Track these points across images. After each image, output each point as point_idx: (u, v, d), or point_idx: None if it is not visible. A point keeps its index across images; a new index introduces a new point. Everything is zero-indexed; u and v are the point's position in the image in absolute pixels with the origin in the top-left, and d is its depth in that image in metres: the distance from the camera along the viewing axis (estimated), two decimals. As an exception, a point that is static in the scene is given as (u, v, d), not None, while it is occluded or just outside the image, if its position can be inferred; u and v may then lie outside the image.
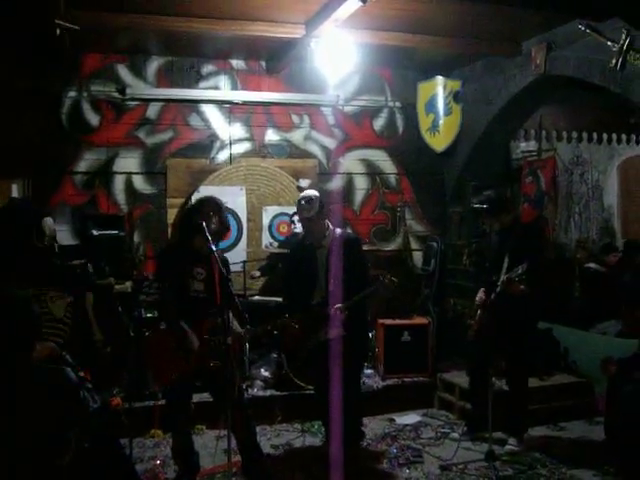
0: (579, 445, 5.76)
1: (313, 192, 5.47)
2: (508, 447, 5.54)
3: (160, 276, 4.99)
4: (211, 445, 5.44)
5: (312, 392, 5.94)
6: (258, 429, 5.85)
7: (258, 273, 7.48)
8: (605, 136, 10.03)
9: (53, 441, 3.02)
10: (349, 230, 7.86)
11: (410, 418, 6.42)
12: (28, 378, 3.06)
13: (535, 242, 5.91)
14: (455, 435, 5.82)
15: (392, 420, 6.40)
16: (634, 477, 4.68)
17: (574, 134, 9.79)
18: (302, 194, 5.49)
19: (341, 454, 5.28)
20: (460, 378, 6.39)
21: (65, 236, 7.11)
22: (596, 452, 5.41)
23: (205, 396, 5.31)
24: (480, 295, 5.72)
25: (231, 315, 4.51)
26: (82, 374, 3.64)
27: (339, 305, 5.13)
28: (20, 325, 3.13)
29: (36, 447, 2.94)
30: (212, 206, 4.80)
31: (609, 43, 5.73)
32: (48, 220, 4.27)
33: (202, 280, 4.70)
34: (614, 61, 5.71)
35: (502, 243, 5.62)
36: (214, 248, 4.35)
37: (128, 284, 6.48)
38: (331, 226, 5.42)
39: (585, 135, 9.88)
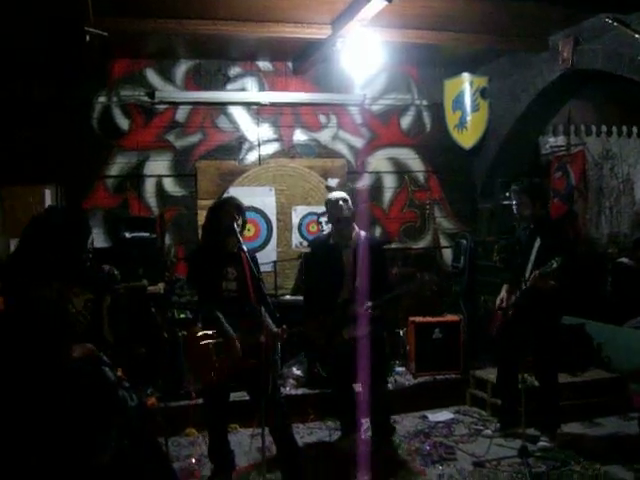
0: (613, 441, 5.71)
1: (342, 193, 5.55)
2: (541, 444, 5.51)
3: (193, 280, 5.04)
4: (245, 443, 5.51)
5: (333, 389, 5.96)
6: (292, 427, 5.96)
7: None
8: (635, 129, 9.91)
9: (93, 440, 3.09)
10: (378, 230, 7.95)
11: (442, 415, 6.43)
12: (67, 378, 3.13)
13: (566, 238, 5.89)
14: (488, 432, 5.82)
15: (424, 417, 6.41)
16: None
17: (603, 128, 9.69)
18: (335, 194, 5.52)
19: (373, 450, 5.35)
20: (492, 375, 6.36)
21: (98, 239, 7.21)
22: (631, 448, 5.36)
23: (238, 395, 5.37)
24: (503, 294, 5.72)
25: (264, 312, 4.59)
26: (119, 373, 3.71)
27: (369, 304, 5.16)
28: (56, 326, 3.21)
29: (76, 447, 3.00)
30: (235, 207, 4.85)
31: (636, 36, 5.69)
32: (91, 238, 4.39)
33: (234, 279, 4.76)
34: (643, 53, 5.68)
35: (530, 239, 5.59)
36: (245, 247, 4.43)
37: (160, 286, 6.56)
38: (357, 227, 5.48)
39: (614, 129, 9.77)
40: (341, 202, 5.36)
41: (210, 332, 4.67)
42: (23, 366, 3.19)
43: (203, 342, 4.66)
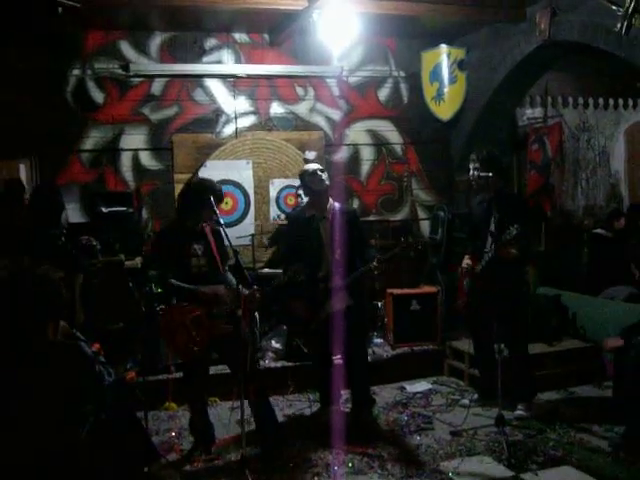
0: (588, 409, 5.80)
1: (318, 165, 5.55)
2: (517, 413, 5.58)
3: (157, 259, 5.01)
4: (225, 416, 5.54)
5: (313, 362, 6.01)
6: (271, 399, 5.97)
7: (267, 242, 7.54)
8: (611, 101, 9.96)
9: (71, 414, 3.09)
10: (355, 202, 7.99)
11: (420, 386, 6.49)
12: (47, 353, 3.13)
13: (522, 208, 5.90)
14: (465, 402, 5.88)
15: (403, 388, 6.47)
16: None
17: (580, 100, 9.73)
18: (311, 166, 5.49)
19: (352, 421, 5.41)
20: (469, 345, 6.40)
21: (74, 214, 7.15)
22: (605, 416, 5.45)
23: (218, 368, 5.40)
24: (467, 262, 5.70)
25: (233, 280, 4.69)
26: (95, 348, 3.71)
27: (376, 260, 5.22)
28: (48, 302, 3.23)
29: (54, 420, 3.00)
30: (218, 196, 4.84)
31: (614, 7, 5.67)
32: (65, 213, 4.38)
33: (202, 255, 4.77)
34: (619, 25, 5.63)
35: (488, 211, 5.59)
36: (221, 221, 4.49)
37: (138, 260, 6.54)
38: (331, 199, 5.48)
39: (591, 101, 9.81)
40: (319, 172, 5.35)
41: (185, 304, 4.69)
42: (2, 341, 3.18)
43: (174, 315, 4.67)
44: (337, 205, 5.48)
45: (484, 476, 4.50)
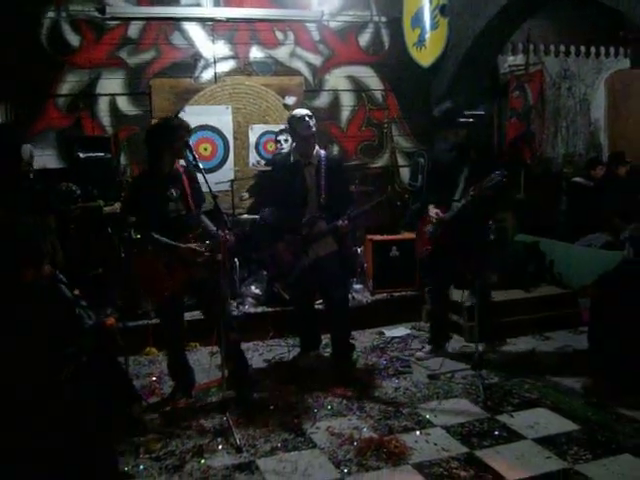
0: (563, 354, 5.91)
1: (306, 110, 5.48)
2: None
3: (133, 206, 4.94)
4: (205, 361, 5.59)
5: (294, 307, 5.99)
6: (251, 345, 6.07)
7: (247, 195, 7.51)
8: (593, 50, 9.93)
9: (52, 356, 3.10)
10: (335, 149, 7.95)
11: (399, 331, 6.56)
12: (25, 295, 3.12)
13: (495, 160, 5.88)
14: (421, 354, 5.88)
15: (381, 333, 6.54)
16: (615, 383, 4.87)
17: (562, 48, 9.69)
18: (300, 111, 5.41)
19: (332, 366, 5.47)
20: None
21: (51, 160, 7.08)
22: (579, 360, 5.55)
23: (197, 314, 5.41)
24: (436, 211, 5.58)
25: (210, 224, 4.72)
26: (76, 292, 3.70)
27: (346, 216, 5.20)
28: (30, 247, 3.21)
29: (35, 362, 3.01)
30: (187, 131, 4.77)
31: (598, -49, 5.63)
32: (27, 147, 4.29)
33: (178, 199, 4.73)
34: (603, -30, 5.62)
35: (456, 163, 5.52)
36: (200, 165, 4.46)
37: (117, 206, 6.49)
38: (317, 146, 5.45)
39: (573, 48, 9.77)
40: (307, 118, 5.28)
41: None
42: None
43: (148, 258, 4.66)
44: (323, 152, 5.45)
45: (461, 417, 4.59)
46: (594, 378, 5.09)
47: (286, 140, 6.98)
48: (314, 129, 5.31)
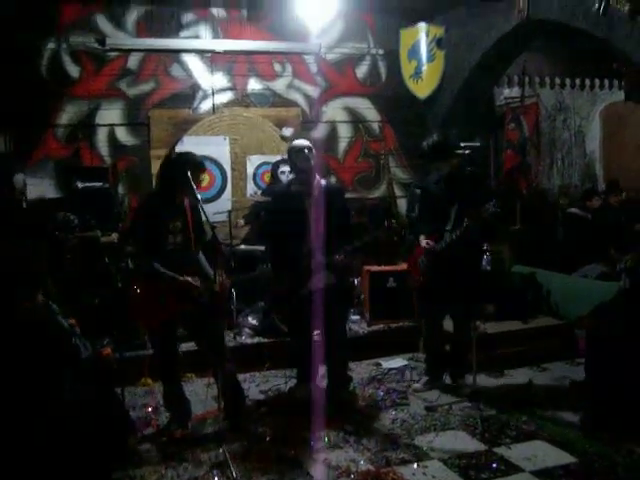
0: (560, 385, 5.88)
1: (306, 141, 5.41)
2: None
3: (137, 232, 4.94)
4: (201, 392, 5.54)
5: (291, 338, 5.97)
6: (247, 376, 6.02)
7: (242, 222, 7.51)
8: (588, 82, 10.04)
9: (47, 387, 3.09)
10: (332, 179, 7.95)
11: (396, 362, 6.52)
12: (22, 326, 3.12)
13: (487, 189, 5.88)
14: (417, 386, 5.85)
15: (378, 364, 6.50)
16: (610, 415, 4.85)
17: (557, 80, 9.79)
18: (299, 142, 5.38)
19: (329, 397, 5.43)
20: (444, 322, 6.47)
21: (49, 189, 7.13)
22: (577, 392, 5.53)
23: (192, 345, 5.39)
24: (426, 241, 5.53)
25: (206, 264, 4.72)
26: (71, 321, 3.70)
27: (342, 253, 5.18)
28: (27, 274, 3.21)
29: (31, 394, 3.00)
30: (197, 167, 4.80)
31: (591, -14, 5.71)
32: (20, 176, 4.32)
33: (179, 232, 4.73)
34: (597, 5, 5.68)
35: (447, 193, 5.47)
36: (199, 197, 4.46)
37: (114, 236, 6.50)
38: (317, 176, 5.43)
39: (568, 81, 9.88)
40: (306, 151, 5.25)
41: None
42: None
43: (147, 289, 4.66)
44: (323, 182, 5.43)
45: (458, 450, 4.55)
46: (591, 409, 5.05)
47: (290, 172, 6.87)
48: (313, 161, 5.30)
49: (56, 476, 3.00)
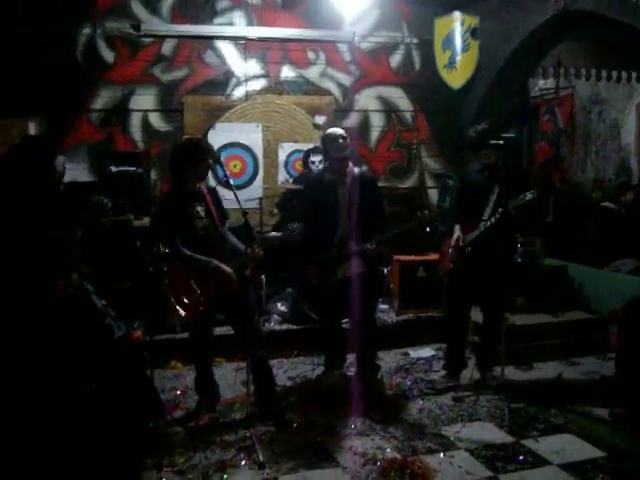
0: (590, 380, 5.84)
1: (340, 130, 5.38)
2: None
3: (162, 225, 4.97)
4: (230, 377, 5.58)
5: (321, 325, 5.96)
6: (275, 362, 6.04)
7: (276, 210, 7.53)
8: (624, 75, 9.88)
9: (81, 365, 3.13)
10: (365, 168, 7.91)
11: (424, 352, 6.52)
12: (60, 303, 3.16)
13: (527, 181, 5.83)
14: (436, 378, 5.81)
15: (406, 354, 6.51)
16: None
17: (593, 72, 9.65)
18: (334, 131, 5.34)
19: (356, 385, 5.44)
20: (473, 313, 6.42)
21: (83, 174, 7.19)
22: (607, 387, 5.48)
23: (223, 330, 5.43)
24: (459, 233, 5.52)
25: (236, 241, 4.78)
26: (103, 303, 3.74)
27: (374, 242, 5.16)
28: (59, 261, 3.26)
29: (65, 370, 3.05)
30: (210, 152, 4.84)
31: (630, -23, 5.63)
32: (61, 158, 4.37)
33: (204, 216, 4.77)
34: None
35: (487, 183, 5.44)
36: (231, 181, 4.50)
37: (146, 220, 6.55)
38: (350, 164, 5.41)
39: (604, 73, 9.73)
40: (340, 140, 5.23)
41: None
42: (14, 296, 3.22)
43: (184, 275, 4.69)
44: (356, 170, 5.41)
45: (485, 441, 4.55)
46: (621, 405, 5.01)
47: (320, 161, 6.86)
48: (347, 150, 5.28)
49: (86, 452, 3.04)
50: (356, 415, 4.98)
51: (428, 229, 6.09)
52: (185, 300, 4.65)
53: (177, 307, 4.63)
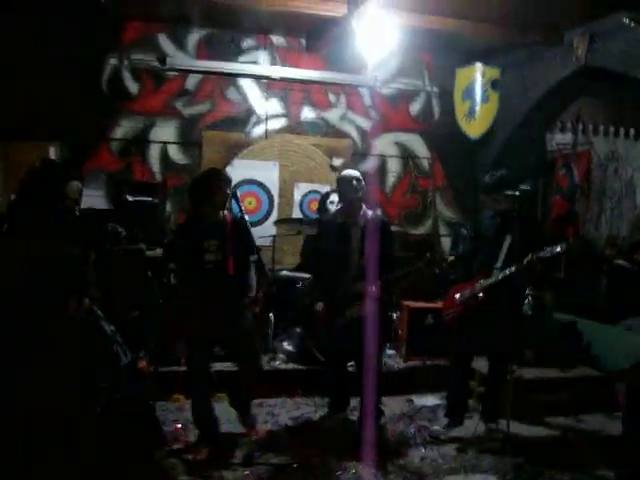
0: (597, 438, 5.76)
1: (356, 172, 5.43)
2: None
3: (172, 255, 5.01)
4: (232, 412, 5.53)
5: (325, 367, 5.95)
6: (278, 401, 6.01)
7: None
8: (642, 132, 9.92)
9: (86, 389, 3.12)
10: (379, 211, 7.92)
11: (429, 400, 6.45)
12: (71, 328, 3.17)
13: (540, 232, 5.84)
14: (437, 428, 5.76)
15: (411, 401, 6.44)
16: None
17: (611, 128, 9.68)
18: (349, 173, 5.40)
19: (358, 430, 5.39)
20: (480, 363, 6.36)
21: (99, 201, 7.24)
22: (613, 446, 5.40)
23: (226, 365, 5.41)
24: (461, 292, 5.51)
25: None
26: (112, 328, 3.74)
27: (382, 279, 5.17)
28: (75, 279, 3.27)
29: (70, 393, 3.04)
30: (227, 182, 4.88)
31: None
32: (74, 183, 4.42)
33: (216, 250, 4.76)
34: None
35: (500, 232, 5.44)
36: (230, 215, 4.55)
37: (159, 251, 6.58)
38: (364, 207, 5.44)
39: (622, 130, 9.77)
40: (354, 182, 5.28)
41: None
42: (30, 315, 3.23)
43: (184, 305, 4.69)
44: (370, 212, 5.44)
45: (487, 494, 4.49)
46: (628, 465, 4.93)
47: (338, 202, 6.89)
48: (361, 192, 5.31)
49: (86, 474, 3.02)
50: (357, 460, 4.92)
51: (437, 270, 6.05)
52: (179, 325, 4.67)
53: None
